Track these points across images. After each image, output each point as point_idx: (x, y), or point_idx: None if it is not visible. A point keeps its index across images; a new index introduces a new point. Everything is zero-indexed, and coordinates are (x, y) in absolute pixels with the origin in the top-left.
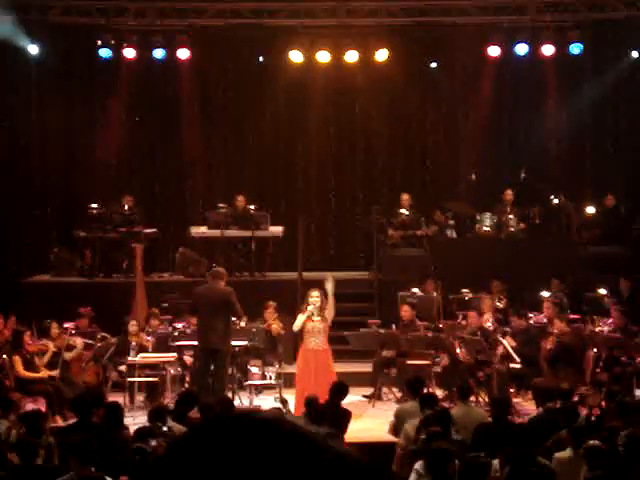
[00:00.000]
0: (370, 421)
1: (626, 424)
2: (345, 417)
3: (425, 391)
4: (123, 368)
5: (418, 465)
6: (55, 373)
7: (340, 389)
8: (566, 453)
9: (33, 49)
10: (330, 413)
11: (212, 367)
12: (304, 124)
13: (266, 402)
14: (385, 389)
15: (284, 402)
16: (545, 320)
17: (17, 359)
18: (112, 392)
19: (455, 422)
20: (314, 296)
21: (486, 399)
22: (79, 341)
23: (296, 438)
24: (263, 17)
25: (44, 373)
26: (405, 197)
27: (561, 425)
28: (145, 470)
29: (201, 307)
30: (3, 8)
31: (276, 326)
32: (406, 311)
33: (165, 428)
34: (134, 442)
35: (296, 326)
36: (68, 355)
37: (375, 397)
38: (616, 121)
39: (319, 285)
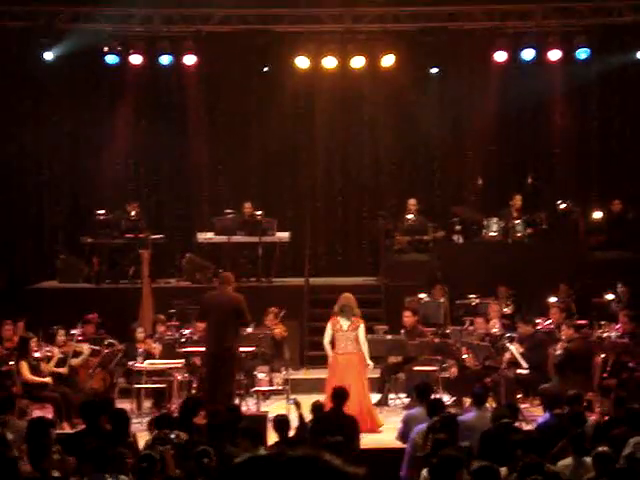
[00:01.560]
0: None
1: (634, 431)
2: (351, 425)
3: (432, 397)
4: (122, 380)
5: (425, 472)
6: (64, 370)
7: (337, 394)
8: (567, 461)
9: (48, 55)
10: (334, 420)
11: (220, 373)
12: (310, 130)
13: (273, 407)
14: (392, 395)
15: (297, 404)
16: (552, 326)
17: (23, 364)
18: (119, 398)
19: (470, 428)
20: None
21: (494, 405)
22: (86, 347)
23: (333, 477)
24: (269, 23)
25: (50, 379)
26: (412, 202)
27: (569, 431)
28: None
29: (211, 313)
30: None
31: (279, 330)
32: (408, 317)
33: (173, 435)
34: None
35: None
36: (75, 361)
37: (382, 403)
38: (623, 125)
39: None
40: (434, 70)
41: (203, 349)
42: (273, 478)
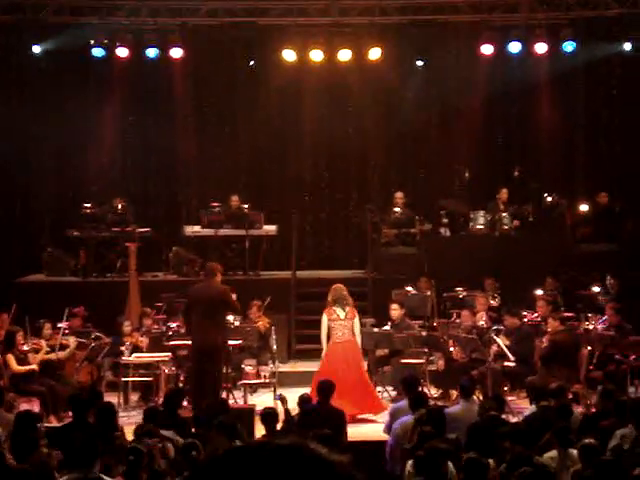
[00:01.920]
0: (365, 419)
1: (622, 423)
2: (338, 418)
3: (416, 390)
4: (109, 373)
5: (409, 465)
6: (53, 356)
7: (323, 388)
8: (552, 453)
9: (36, 49)
10: (321, 413)
11: (207, 366)
12: (297, 123)
13: (261, 400)
14: (379, 388)
15: (283, 400)
16: (539, 318)
17: (10, 357)
18: (106, 392)
19: (457, 419)
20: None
21: (480, 397)
22: (72, 340)
23: (318, 465)
24: (256, 16)
25: (37, 366)
26: (399, 195)
27: (555, 423)
28: None
29: (197, 306)
30: None
31: (262, 323)
32: (395, 309)
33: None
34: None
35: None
36: (61, 354)
37: None
38: (609, 118)
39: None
40: (420, 63)
41: (189, 342)
42: (259, 466)
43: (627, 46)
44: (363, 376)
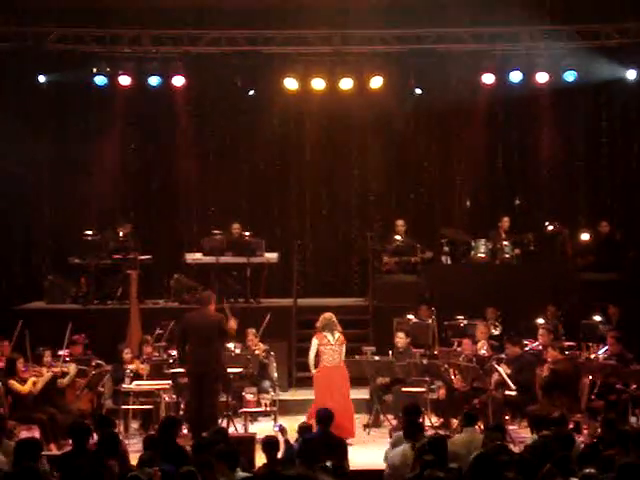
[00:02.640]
0: (366, 448)
1: (625, 452)
2: (339, 447)
3: (411, 422)
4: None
5: None
6: (57, 370)
7: (323, 417)
8: None
9: (41, 78)
10: (322, 442)
11: (204, 394)
12: (299, 151)
13: (261, 428)
14: (381, 416)
15: (283, 431)
16: (540, 347)
17: (13, 382)
18: None
19: (460, 448)
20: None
21: (481, 426)
22: (72, 367)
23: None
24: (258, 44)
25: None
26: (400, 223)
27: (555, 453)
28: None
29: (192, 334)
30: None
31: (258, 351)
32: (400, 338)
33: None
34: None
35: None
36: (62, 381)
37: (372, 424)
38: (610, 147)
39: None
40: (422, 92)
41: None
42: None
43: (630, 74)
44: (344, 401)
